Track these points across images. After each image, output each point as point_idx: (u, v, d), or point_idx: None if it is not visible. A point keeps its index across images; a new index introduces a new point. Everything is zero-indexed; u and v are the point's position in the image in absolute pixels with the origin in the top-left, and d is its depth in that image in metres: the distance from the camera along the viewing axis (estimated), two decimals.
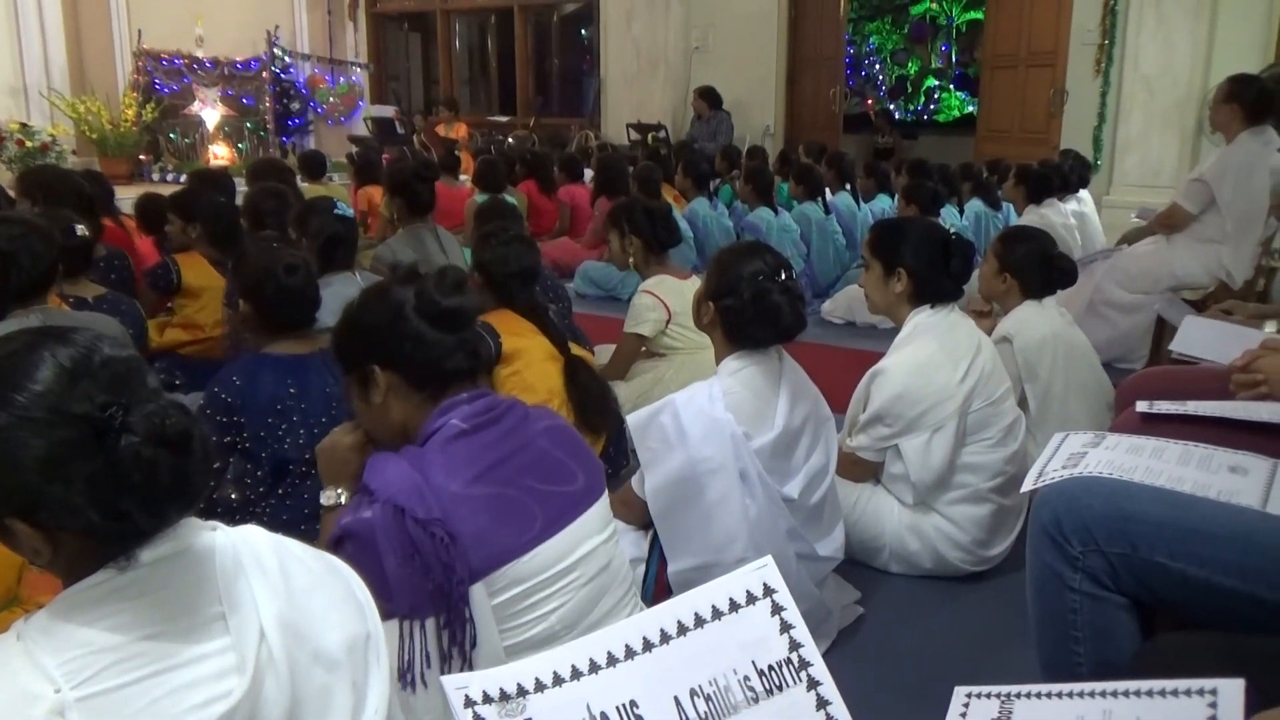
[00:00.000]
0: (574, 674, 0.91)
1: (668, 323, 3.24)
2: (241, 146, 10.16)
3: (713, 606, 0.98)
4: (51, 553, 0.90)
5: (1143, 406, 1.82)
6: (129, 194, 5.20)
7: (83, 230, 2.88)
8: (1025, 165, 5.65)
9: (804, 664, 0.97)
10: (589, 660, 0.92)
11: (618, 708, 0.90)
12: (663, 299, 3.24)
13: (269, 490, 2.20)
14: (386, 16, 12.48)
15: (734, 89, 9.28)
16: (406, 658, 1.27)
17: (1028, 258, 2.82)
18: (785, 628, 0.99)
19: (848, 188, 6.15)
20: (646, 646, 0.95)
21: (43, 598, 1.40)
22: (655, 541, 2.02)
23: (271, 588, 0.95)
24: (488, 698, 0.87)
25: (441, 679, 0.89)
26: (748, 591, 1.00)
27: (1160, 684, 0.93)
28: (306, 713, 0.95)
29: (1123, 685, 0.95)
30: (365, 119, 10.38)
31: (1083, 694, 0.97)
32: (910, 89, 14.53)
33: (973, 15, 13.10)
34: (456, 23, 12.49)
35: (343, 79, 11.40)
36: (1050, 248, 2.86)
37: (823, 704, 0.96)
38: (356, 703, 0.99)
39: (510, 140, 9.80)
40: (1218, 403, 1.74)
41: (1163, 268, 4.05)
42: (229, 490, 2.20)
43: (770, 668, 0.96)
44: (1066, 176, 5.75)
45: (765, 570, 1.02)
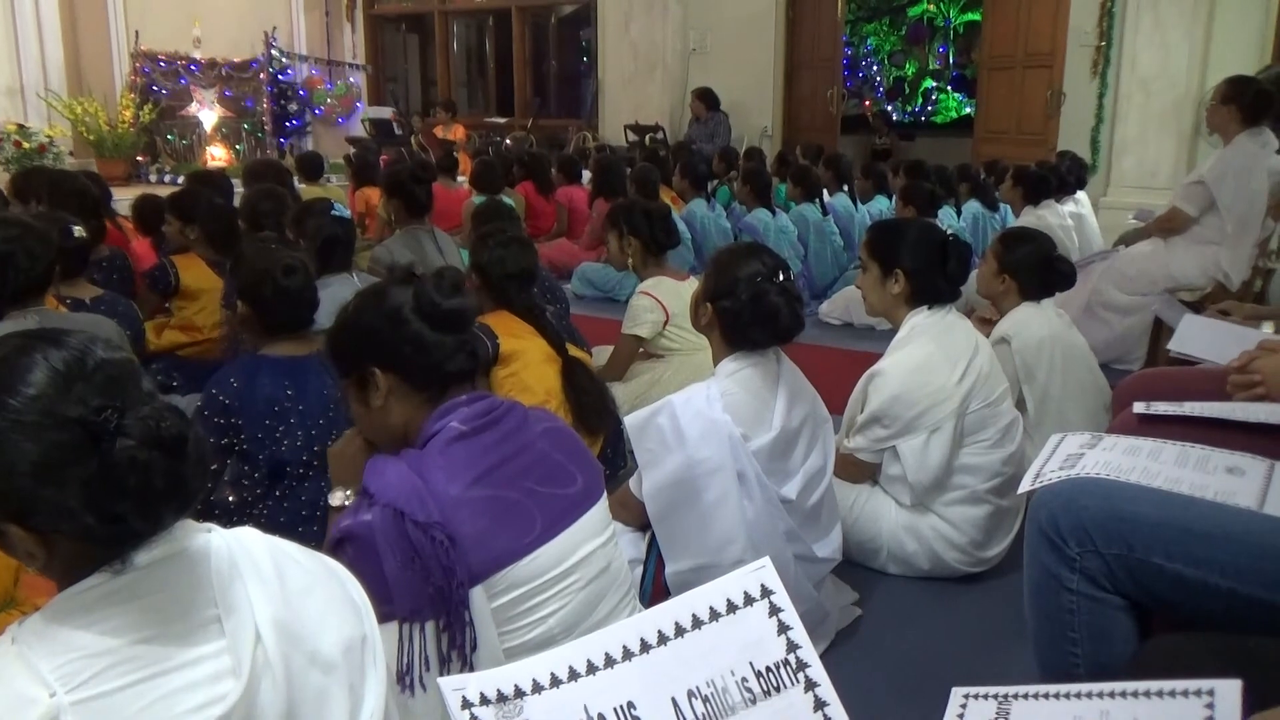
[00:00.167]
0: (571, 675, 0.91)
1: (665, 324, 3.24)
2: (239, 148, 10.17)
3: (710, 608, 0.98)
4: (46, 556, 0.90)
5: (1140, 408, 1.82)
6: (126, 195, 5.20)
7: (80, 231, 2.88)
8: (1022, 166, 5.64)
9: (802, 665, 0.97)
10: (586, 661, 0.92)
11: (615, 709, 0.90)
12: (660, 300, 3.24)
13: (266, 492, 2.20)
14: (384, 18, 12.48)
15: (732, 90, 9.28)
16: (406, 660, 1.27)
17: (1027, 259, 2.82)
18: (783, 629, 0.99)
19: (845, 189, 6.14)
20: (644, 648, 0.95)
21: (39, 599, 1.40)
22: (653, 543, 2.02)
23: (267, 590, 0.95)
24: (485, 699, 0.87)
25: (439, 680, 0.89)
26: (745, 593, 1.00)
27: (1157, 685, 0.93)
28: (303, 715, 0.94)
29: (1120, 686, 0.95)
30: (363, 120, 10.39)
31: (1080, 695, 0.97)
32: (908, 90, 14.53)
33: (970, 17, 13.11)
34: (454, 24, 12.49)
35: (340, 80, 11.41)
36: (1050, 250, 2.87)
37: (820, 705, 0.96)
38: (353, 705, 0.99)
39: (508, 141, 9.78)
40: (1215, 404, 1.74)
41: (1160, 269, 4.05)
42: (226, 492, 2.20)
43: (768, 669, 0.96)
44: (1064, 178, 5.75)
45: (763, 571, 1.02)
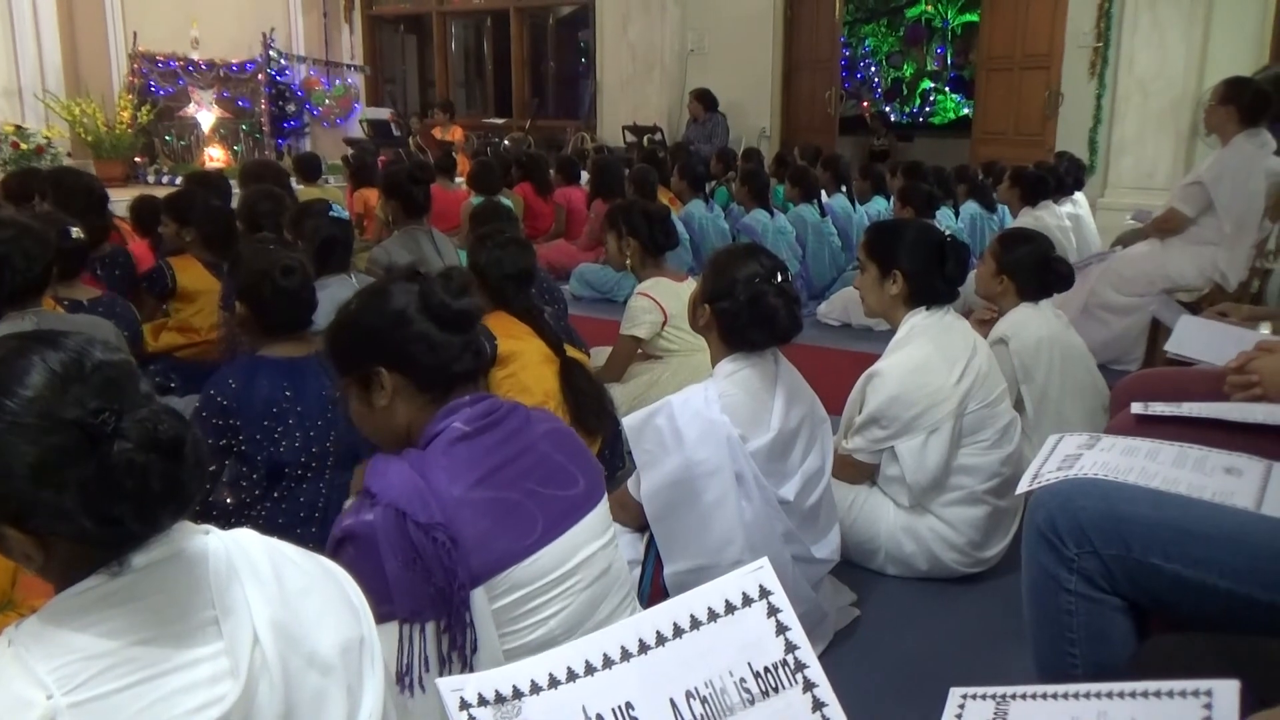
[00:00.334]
0: (570, 676, 0.91)
1: (664, 325, 3.24)
2: (237, 149, 10.17)
3: (709, 608, 0.98)
4: (44, 558, 0.90)
5: (1138, 408, 1.82)
6: (124, 196, 5.19)
7: (78, 233, 2.87)
8: (1020, 167, 5.64)
9: (800, 666, 0.97)
10: (585, 662, 0.92)
11: (614, 710, 0.90)
12: (659, 301, 3.24)
13: (264, 493, 2.20)
14: (382, 19, 12.48)
15: (730, 91, 9.28)
16: (406, 661, 1.26)
17: (1026, 260, 2.82)
18: (781, 629, 0.99)
19: (843, 190, 6.15)
20: (642, 648, 0.95)
21: (37, 601, 1.39)
22: (651, 543, 2.02)
23: (265, 591, 0.95)
24: (483, 700, 0.87)
25: (437, 680, 0.89)
26: (744, 593, 1.00)
27: (1155, 685, 0.93)
28: (300, 717, 0.94)
29: (1118, 686, 0.95)
30: (361, 121, 10.38)
31: (1078, 695, 0.97)
32: (906, 91, 14.52)
33: (968, 18, 13.11)
34: (452, 25, 12.49)
35: (338, 81, 11.40)
36: (1049, 251, 2.87)
37: (818, 706, 0.96)
38: (351, 707, 0.99)
39: (506, 142, 9.78)
40: (1212, 404, 1.74)
41: (1157, 270, 4.05)
42: (224, 493, 2.19)
43: (766, 669, 0.96)
44: (1061, 179, 5.76)
45: (761, 572, 1.02)
